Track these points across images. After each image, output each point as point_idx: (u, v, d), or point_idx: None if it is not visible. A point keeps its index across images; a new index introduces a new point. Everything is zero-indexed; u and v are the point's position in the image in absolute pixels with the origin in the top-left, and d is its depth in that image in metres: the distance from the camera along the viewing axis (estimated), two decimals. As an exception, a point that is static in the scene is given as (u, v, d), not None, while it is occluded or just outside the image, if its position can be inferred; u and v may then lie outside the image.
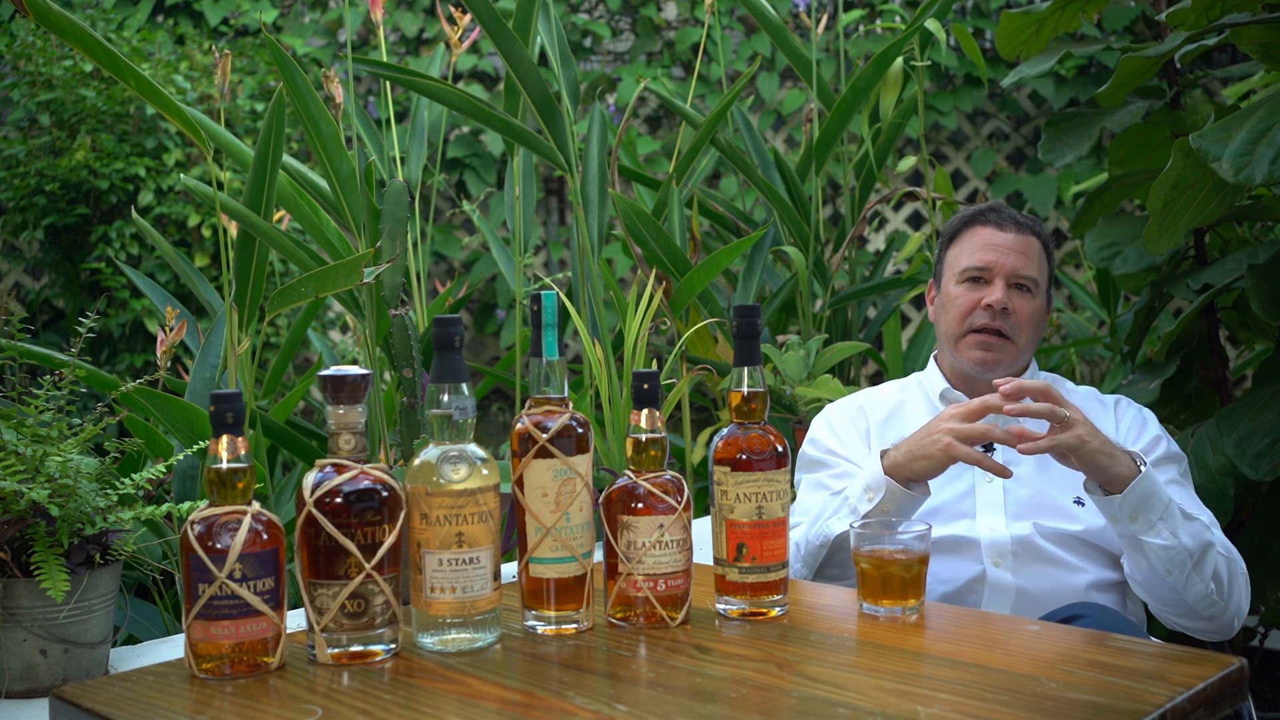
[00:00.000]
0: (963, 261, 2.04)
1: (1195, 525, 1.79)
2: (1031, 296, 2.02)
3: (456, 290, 3.71)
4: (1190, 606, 1.81)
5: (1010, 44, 2.52)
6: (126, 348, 4.05)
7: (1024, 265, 2.01)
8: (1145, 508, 1.75)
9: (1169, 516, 1.76)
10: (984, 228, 2.04)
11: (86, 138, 3.99)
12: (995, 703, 1.18)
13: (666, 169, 3.70)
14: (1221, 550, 1.82)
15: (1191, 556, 1.76)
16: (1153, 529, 1.75)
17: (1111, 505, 1.76)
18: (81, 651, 1.56)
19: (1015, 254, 2.01)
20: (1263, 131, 1.90)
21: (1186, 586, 1.78)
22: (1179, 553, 1.76)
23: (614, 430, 2.31)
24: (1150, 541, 1.76)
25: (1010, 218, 2.05)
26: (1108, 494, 1.76)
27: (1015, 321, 2.00)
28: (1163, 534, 1.75)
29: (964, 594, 1.91)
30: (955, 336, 2.02)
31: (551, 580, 1.43)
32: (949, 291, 2.05)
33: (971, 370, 2.02)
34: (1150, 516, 1.75)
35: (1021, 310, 2.00)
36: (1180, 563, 1.76)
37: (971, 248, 2.04)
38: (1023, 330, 2.01)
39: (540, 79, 2.28)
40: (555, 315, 1.44)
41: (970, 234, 2.06)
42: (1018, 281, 2.01)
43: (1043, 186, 5.18)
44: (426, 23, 5.17)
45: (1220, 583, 1.80)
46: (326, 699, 1.24)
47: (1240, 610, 1.85)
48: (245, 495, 1.32)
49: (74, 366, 1.69)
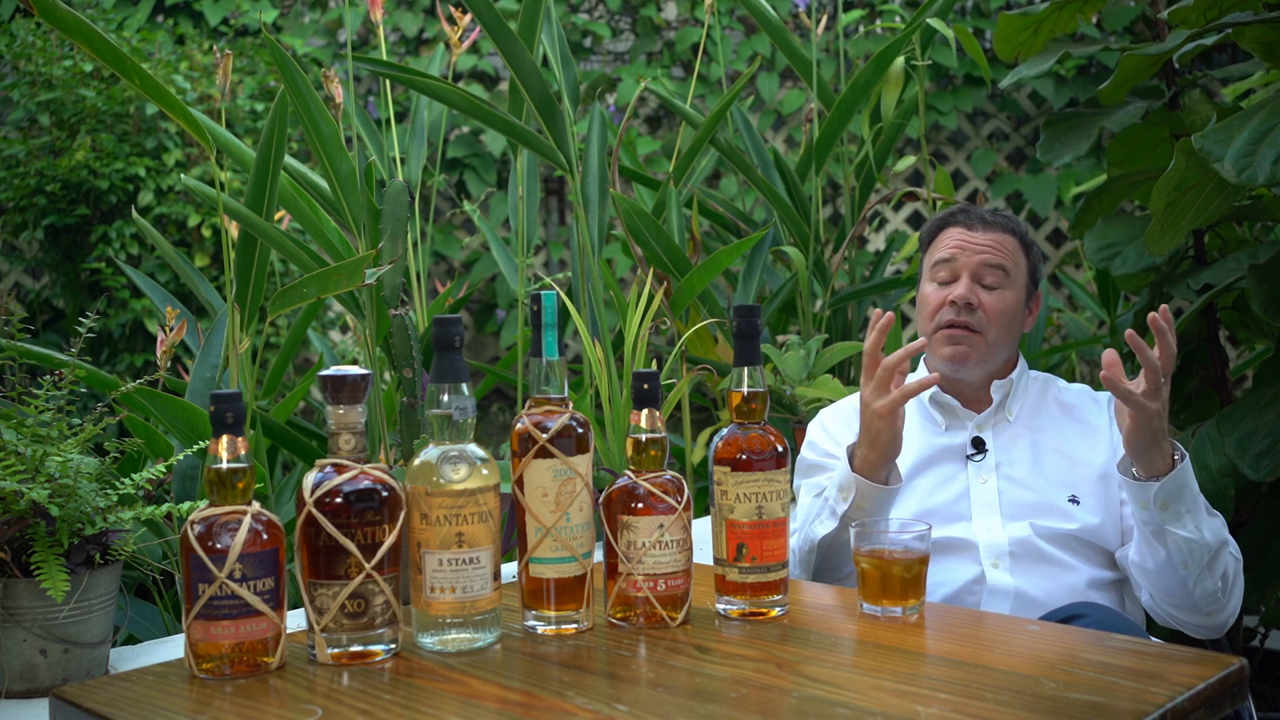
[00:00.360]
0: (933, 260, 2.07)
1: (1217, 522, 1.81)
2: (1001, 291, 2.02)
3: (456, 290, 3.71)
4: (1195, 602, 1.82)
5: (1008, 45, 2.52)
6: (126, 348, 4.05)
7: (990, 259, 2.02)
8: (1177, 498, 1.75)
9: (1196, 510, 1.77)
10: (953, 228, 2.07)
11: (86, 138, 3.99)
12: (995, 703, 1.18)
13: (666, 169, 3.70)
14: (1233, 551, 1.83)
15: (1210, 552, 1.78)
16: (1180, 520, 1.76)
17: (1146, 491, 1.75)
18: (81, 651, 1.56)
19: (981, 249, 2.02)
20: (1265, 132, 1.90)
21: (1198, 581, 1.79)
22: (1200, 546, 1.77)
23: (614, 430, 2.31)
24: (1175, 532, 1.76)
25: (979, 216, 2.06)
26: (1140, 479, 1.76)
27: (983, 316, 2.00)
28: (1188, 526, 1.76)
29: (963, 595, 1.91)
30: (928, 334, 2.04)
31: (551, 580, 1.43)
32: (922, 291, 2.08)
33: (945, 368, 2.03)
34: (1180, 507, 1.76)
35: (990, 305, 2.01)
36: (1199, 557, 1.77)
37: (940, 246, 2.06)
38: (992, 324, 2.01)
39: (541, 79, 2.28)
40: (555, 315, 1.44)
41: (942, 235, 2.08)
42: (984, 274, 2.02)
43: (1042, 186, 5.18)
44: (426, 23, 5.17)
45: (1226, 581, 1.82)
46: (326, 699, 1.24)
47: (1235, 610, 1.87)
48: (245, 495, 1.32)
49: (74, 366, 1.69)
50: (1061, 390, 2.08)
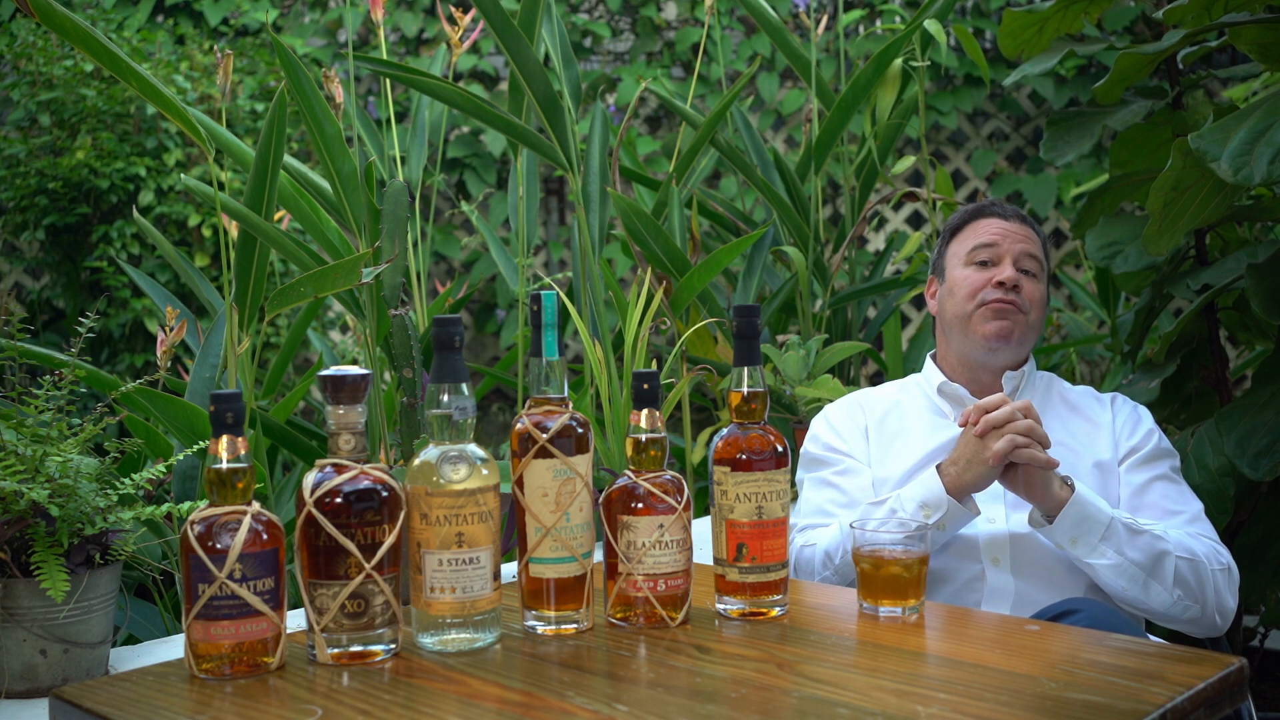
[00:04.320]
0: (970, 245, 2.08)
1: (1144, 538, 1.80)
2: (1037, 281, 2.06)
3: (456, 290, 3.71)
4: (1161, 613, 1.83)
5: (1013, 42, 2.52)
6: (127, 348, 4.05)
7: (1029, 249, 2.07)
8: (1084, 530, 1.77)
9: (1111, 535, 1.78)
10: (988, 218, 2.11)
11: (87, 137, 3.99)
12: (995, 703, 1.18)
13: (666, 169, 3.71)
14: (1182, 554, 1.81)
15: (1144, 570, 1.78)
16: (1095, 550, 1.78)
17: (1051, 533, 1.79)
18: (81, 651, 1.56)
19: (1022, 238, 2.07)
20: (1261, 131, 1.90)
21: (1148, 597, 1.80)
22: (1128, 569, 1.78)
23: (614, 430, 2.31)
24: (1096, 563, 1.79)
25: (1013, 210, 2.12)
26: (1048, 522, 1.80)
27: (1025, 299, 2.04)
28: (1107, 554, 1.78)
29: (963, 593, 1.91)
30: (966, 314, 2.04)
31: (551, 580, 1.43)
32: (955, 276, 2.08)
33: (983, 348, 2.02)
34: (1090, 539, 1.78)
35: (1030, 292, 2.04)
36: (1133, 577, 1.79)
37: (978, 234, 2.09)
38: (1032, 309, 2.04)
39: (545, 78, 2.29)
40: (555, 315, 1.44)
41: (975, 224, 2.11)
42: (1025, 264, 2.05)
43: (1043, 186, 5.18)
44: (426, 23, 5.17)
45: (1187, 587, 1.81)
46: (326, 699, 1.24)
47: (1224, 608, 1.85)
48: (245, 495, 1.32)
49: (74, 366, 1.69)
50: (1066, 390, 2.11)
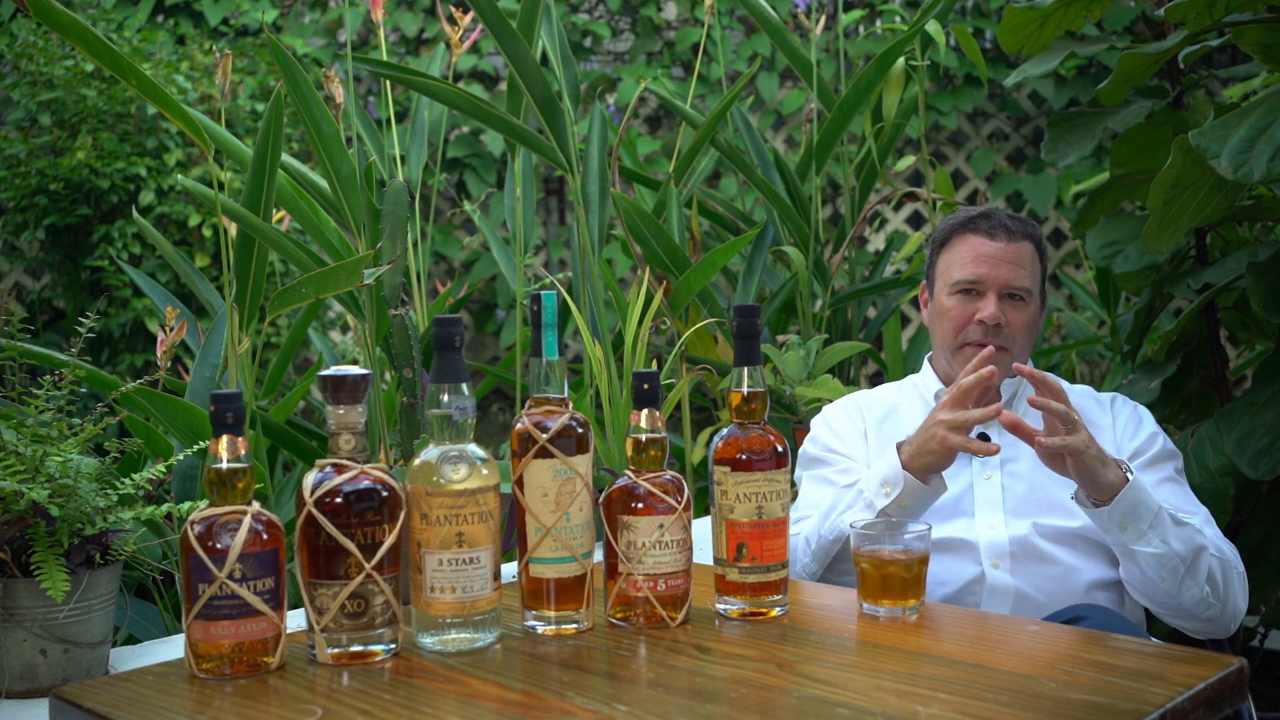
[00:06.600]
0: (954, 273, 2.03)
1: (1187, 530, 1.80)
2: (1025, 305, 2.01)
3: (456, 290, 3.71)
4: (1187, 609, 1.82)
5: (1013, 38, 2.51)
6: (127, 348, 4.05)
7: (1016, 276, 2.00)
8: (1135, 516, 1.76)
9: (1159, 524, 1.77)
10: (974, 236, 2.03)
11: (87, 137, 4.00)
12: (995, 703, 1.18)
13: (666, 169, 3.70)
14: (1214, 552, 1.82)
15: (1184, 562, 1.78)
16: (1143, 538, 1.77)
17: (1101, 517, 1.78)
18: (81, 651, 1.56)
19: (1007, 265, 2.00)
20: (1261, 129, 1.90)
21: (1181, 591, 1.79)
22: (1171, 559, 1.77)
23: (614, 430, 2.31)
24: (1141, 550, 1.78)
25: (1001, 225, 2.03)
26: (1096, 505, 1.78)
27: (1009, 333, 2.00)
28: (1154, 542, 1.77)
29: (963, 595, 1.91)
30: (950, 349, 2.03)
31: (551, 580, 1.43)
32: (942, 302, 2.05)
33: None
34: (1140, 525, 1.77)
35: (1015, 321, 2.00)
36: (1173, 569, 1.78)
37: (962, 259, 2.03)
38: (1017, 339, 2.01)
39: (543, 79, 2.28)
40: (555, 315, 1.44)
41: (961, 242, 2.04)
42: (1010, 292, 2.00)
43: (1043, 186, 5.18)
44: (426, 23, 5.17)
45: (1215, 584, 1.81)
46: (326, 699, 1.24)
47: (1237, 610, 1.86)
48: (245, 495, 1.32)
49: (74, 366, 1.69)
50: (1065, 391, 2.08)
